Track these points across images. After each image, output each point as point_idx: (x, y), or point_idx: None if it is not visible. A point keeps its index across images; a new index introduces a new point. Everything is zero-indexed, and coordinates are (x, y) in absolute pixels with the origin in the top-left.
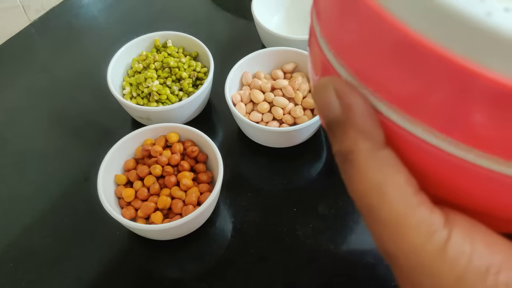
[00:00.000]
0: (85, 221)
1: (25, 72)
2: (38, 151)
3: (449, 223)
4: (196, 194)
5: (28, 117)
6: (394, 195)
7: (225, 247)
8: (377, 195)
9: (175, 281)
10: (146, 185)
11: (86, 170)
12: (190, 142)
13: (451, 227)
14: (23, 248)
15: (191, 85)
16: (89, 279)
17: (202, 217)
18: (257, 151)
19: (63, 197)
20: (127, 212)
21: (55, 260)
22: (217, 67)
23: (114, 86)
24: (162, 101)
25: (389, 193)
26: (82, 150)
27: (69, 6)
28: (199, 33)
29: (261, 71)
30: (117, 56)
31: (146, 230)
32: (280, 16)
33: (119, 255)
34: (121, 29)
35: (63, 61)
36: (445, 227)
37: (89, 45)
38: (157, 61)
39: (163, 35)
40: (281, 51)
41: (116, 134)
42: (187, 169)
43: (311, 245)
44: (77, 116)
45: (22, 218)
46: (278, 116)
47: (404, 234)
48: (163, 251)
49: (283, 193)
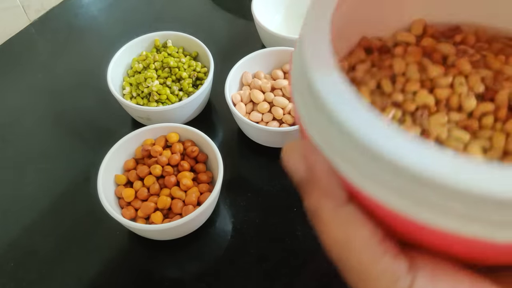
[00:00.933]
0: (85, 221)
1: (25, 72)
2: (38, 151)
3: (413, 268)
4: (196, 194)
5: (28, 117)
6: (359, 248)
7: (225, 247)
8: (343, 249)
9: (175, 281)
10: (146, 185)
11: (86, 170)
12: (190, 142)
13: (415, 272)
14: (24, 248)
15: (191, 85)
16: (89, 279)
17: (202, 217)
18: (257, 151)
19: (63, 197)
20: (127, 212)
21: (56, 260)
22: (217, 67)
23: (114, 86)
24: (162, 101)
25: (354, 247)
26: (82, 150)
27: (69, 6)
28: (199, 33)
29: (261, 71)
30: (117, 56)
31: (146, 230)
32: (280, 16)
33: (119, 255)
34: (121, 29)
35: (63, 61)
36: (409, 273)
37: (89, 45)
38: (157, 61)
39: (163, 35)
40: (281, 51)
41: (116, 134)
42: (187, 169)
43: (311, 245)
44: (77, 116)
45: (23, 218)
46: (278, 116)
47: (370, 283)
48: (163, 251)
49: (283, 193)
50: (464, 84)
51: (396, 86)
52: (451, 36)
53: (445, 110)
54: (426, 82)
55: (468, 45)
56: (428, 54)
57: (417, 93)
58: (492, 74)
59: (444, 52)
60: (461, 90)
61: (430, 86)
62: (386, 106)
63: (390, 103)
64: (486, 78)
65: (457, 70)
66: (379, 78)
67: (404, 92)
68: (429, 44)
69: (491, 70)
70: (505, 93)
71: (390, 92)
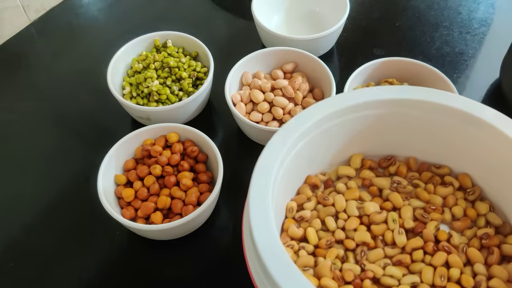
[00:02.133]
0: (85, 221)
1: (25, 72)
2: (38, 151)
3: None
4: (196, 194)
5: (28, 117)
6: None
7: (224, 247)
8: None
9: (175, 281)
10: (146, 185)
11: (86, 170)
12: (190, 142)
13: None
14: (23, 248)
15: (191, 85)
16: (89, 279)
17: (202, 217)
18: (257, 151)
19: (63, 197)
20: (127, 212)
21: (55, 259)
22: (217, 67)
23: (114, 86)
24: (162, 101)
25: None
26: (82, 150)
27: (69, 6)
28: (199, 33)
29: (261, 71)
30: (117, 56)
31: (146, 230)
32: (280, 16)
33: (119, 255)
34: (121, 29)
35: (63, 61)
36: None
37: (89, 45)
38: (157, 61)
39: (163, 35)
40: (281, 51)
41: (116, 134)
42: (187, 169)
43: None
44: (77, 116)
45: (23, 218)
46: (278, 116)
47: None
48: (163, 251)
49: None
50: (396, 220)
51: (338, 223)
52: (386, 167)
53: (382, 245)
54: (364, 218)
55: (401, 175)
56: (366, 187)
57: (357, 230)
58: (422, 205)
59: (379, 186)
60: (394, 227)
61: (368, 222)
62: (331, 245)
63: (334, 241)
64: (416, 210)
65: (391, 204)
66: (324, 216)
67: (345, 230)
68: (366, 176)
69: (421, 201)
70: (432, 227)
71: (333, 230)
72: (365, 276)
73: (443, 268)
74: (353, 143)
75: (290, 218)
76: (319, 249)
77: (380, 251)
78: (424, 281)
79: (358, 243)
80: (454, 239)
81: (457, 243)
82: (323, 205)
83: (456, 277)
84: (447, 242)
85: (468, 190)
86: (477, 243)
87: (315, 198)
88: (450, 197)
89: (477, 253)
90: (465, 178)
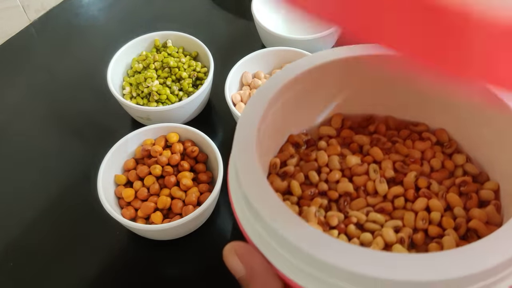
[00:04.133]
0: (85, 220)
1: (25, 72)
2: (38, 151)
3: None
4: (196, 194)
5: (28, 117)
6: None
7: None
8: None
9: (175, 281)
10: (146, 185)
11: (86, 170)
12: (190, 142)
13: None
14: (23, 247)
15: (191, 85)
16: (89, 279)
17: (202, 217)
18: None
19: (63, 197)
20: (127, 212)
21: (55, 259)
22: (217, 67)
23: (114, 86)
24: (162, 101)
25: None
26: (82, 150)
27: (69, 6)
28: (199, 33)
29: (261, 71)
30: (117, 56)
31: (146, 230)
32: (280, 16)
33: (119, 255)
34: (121, 29)
35: (63, 61)
36: None
37: (89, 45)
38: (157, 61)
39: (163, 35)
40: (281, 51)
41: (116, 134)
42: (187, 169)
43: None
44: (77, 116)
45: (22, 218)
46: None
47: None
48: (163, 251)
49: None
50: (377, 171)
51: (321, 177)
52: (366, 126)
53: (364, 195)
54: (346, 170)
55: (380, 133)
56: (347, 144)
57: (339, 182)
58: (401, 158)
59: (360, 142)
60: (375, 177)
61: (349, 174)
62: (315, 196)
63: (317, 193)
64: (396, 163)
65: (371, 158)
66: (306, 171)
67: (328, 182)
68: (347, 135)
69: (400, 155)
70: (412, 176)
71: (316, 182)
72: (349, 221)
73: (425, 212)
74: (332, 104)
75: (274, 174)
76: (303, 200)
77: (363, 200)
78: (406, 225)
79: (341, 194)
80: (434, 186)
81: (437, 190)
82: (306, 161)
83: (437, 220)
84: (427, 189)
85: (445, 144)
86: (456, 190)
87: (297, 155)
88: (428, 151)
89: (456, 197)
90: (442, 133)
